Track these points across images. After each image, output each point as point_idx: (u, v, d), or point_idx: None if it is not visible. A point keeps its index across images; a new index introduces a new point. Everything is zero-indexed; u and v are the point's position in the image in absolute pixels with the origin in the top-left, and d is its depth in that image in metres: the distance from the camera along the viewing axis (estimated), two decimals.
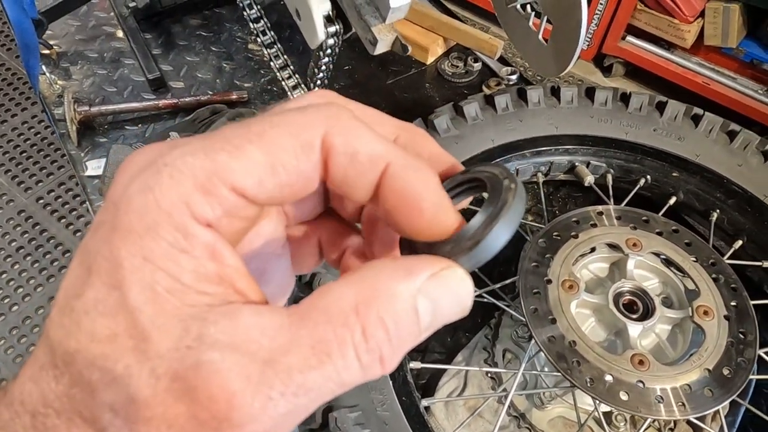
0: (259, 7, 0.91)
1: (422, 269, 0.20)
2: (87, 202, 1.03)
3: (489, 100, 0.92)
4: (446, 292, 0.21)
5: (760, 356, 0.70)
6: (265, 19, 0.91)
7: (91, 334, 0.18)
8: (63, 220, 2.06)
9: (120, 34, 1.31)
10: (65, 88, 1.16)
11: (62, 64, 1.23)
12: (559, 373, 0.65)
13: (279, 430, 0.18)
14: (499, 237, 0.22)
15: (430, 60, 1.28)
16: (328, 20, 0.65)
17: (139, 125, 1.14)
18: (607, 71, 2.64)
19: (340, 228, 0.29)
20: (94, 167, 1.06)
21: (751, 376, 0.66)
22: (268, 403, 0.18)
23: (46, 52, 1.22)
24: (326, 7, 0.64)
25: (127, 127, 1.14)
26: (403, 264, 0.21)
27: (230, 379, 0.17)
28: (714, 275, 0.72)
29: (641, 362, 0.64)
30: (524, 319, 0.69)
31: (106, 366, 0.18)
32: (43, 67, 1.17)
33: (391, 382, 0.67)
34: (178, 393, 0.17)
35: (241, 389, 0.17)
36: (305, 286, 0.74)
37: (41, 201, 2.10)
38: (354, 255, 0.29)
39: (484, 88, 1.22)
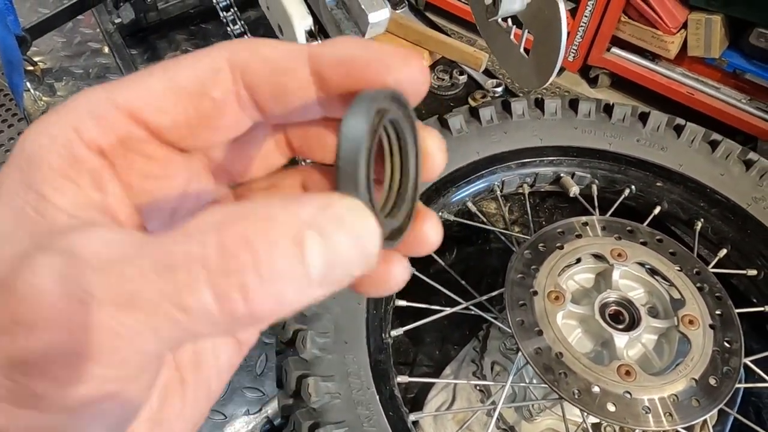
0: (242, 22, 0.91)
1: (315, 198, 0.17)
2: None
3: (474, 113, 0.93)
4: (341, 227, 0.16)
5: (746, 365, 0.71)
6: (249, 34, 0.92)
7: None
8: None
9: (106, 50, 1.31)
10: (50, 105, 1.16)
11: (47, 80, 1.23)
12: (547, 386, 0.65)
13: (92, 352, 0.15)
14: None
15: None
16: (311, 35, 0.66)
17: None
18: (593, 82, 2.67)
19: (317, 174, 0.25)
20: None
21: (737, 385, 0.66)
22: (78, 310, 0.15)
23: (31, 68, 1.22)
24: (308, 23, 0.64)
25: None
26: (297, 195, 0.20)
27: (42, 275, 0.15)
28: (699, 284, 0.72)
29: (628, 373, 0.64)
30: (511, 331, 0.69)
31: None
32: (28, 83, 1.17)
33: (377, 397, 0.67)
34: (55, 255, 0.16)
35: (49, 289, 0.15)
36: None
37: None
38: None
39: (469, 100, 1.22)
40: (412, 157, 0.22)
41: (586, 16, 2.40)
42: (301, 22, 0.63)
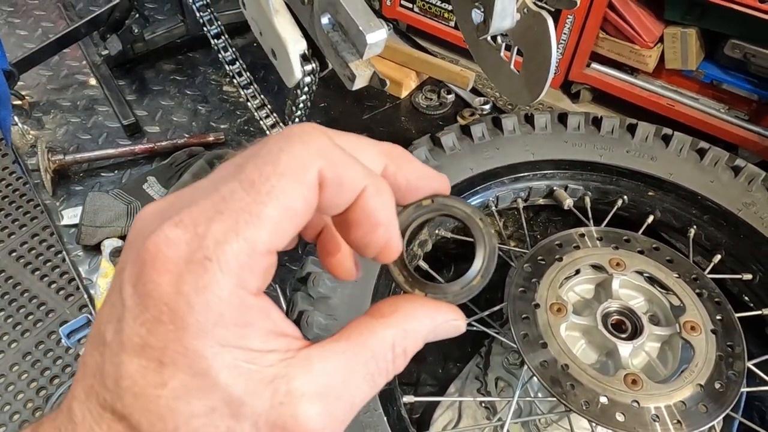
0: (234, 49, 0.92)
1: (437, 318, 0.28)
2: (64, 252, 1.01)
3: (465, 130, 0.94)
4: (449, 332, 0.29)
5: (748, 368, 0.71)
6: (241, 61, 0.92)
7: (190, 413, 0.22)
8: (37, 272, 2.01)
9: (93, 81, 1.31)
10: (38, 138, 1.15)
11: (35, 114, 1.22)
12: (554, 398, 0.65)
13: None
14: (481, 287, 0.29)
15: (404, 94, 1.30)
16: (305, 59, 0.66)
17: (116, 171, 1.13)
18: (575, 97, 2.72)
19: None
20: (70, 216, 1.04)
21: (742, 389, 0.66)
22: (339, 428, 0.24)
23: (18, 102, 1.21)
24: (302, 46, 0.65)
25: (103, 174, 1.12)
26: (424, 311, 0.28)
27: (319, 422, 0.23)
28: (697, 290, 0.73)
29: (634, 381, 0.64)
30: (515, 346, 0.69)
31: (208, 430, 0.22)
32: (15, 118, 1.16)
33: (385, 419, 0.66)
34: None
35: (325, 426, 0.23)
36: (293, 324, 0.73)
37: (14, 254, 2.05)
38: (329, 235, 0.31)
39: (458, 118, 1.24)
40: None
41: (565, 34, 2.46)
42: (296, 46, 0.64)
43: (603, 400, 0.63)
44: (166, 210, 0.24)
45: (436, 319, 0.27)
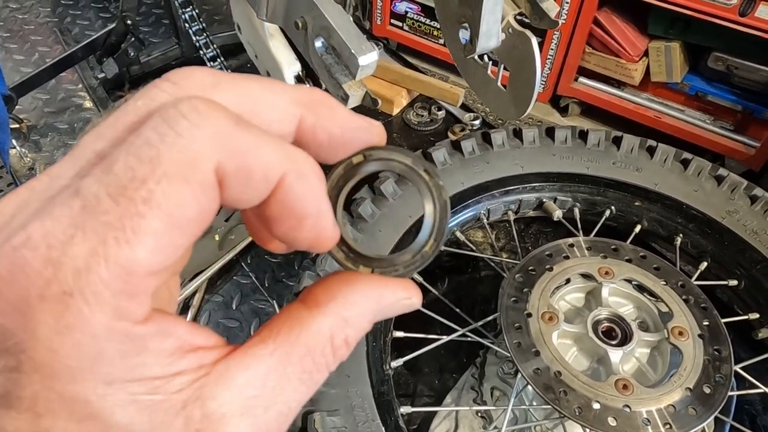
0: (229, 72, 0.94)
1: (384, 298, 0.24)
2: None
3: (456, 146, 0.96)
4: (399, 310, 0.25)
5: (737, 372, 0.73)
6: None
7: None
8: None
9: (89, 104, 1.33)
10: (36, 161, 1.17)
11: (32, 137, 1.24)
12: (548, 406, 0.67)
13: None
14: (435, 252, 0.25)
15: (395, 111, 1.33)
16: (299, 80, 0.69)
17: None
18: (563, 111, 2.76)
19: None
20: None
21: (731, 393, 0.68)
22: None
23: (16, 126, 1.23)
24: (296, 68, 0.67)
25: None
26: (367, 292, 0.23)
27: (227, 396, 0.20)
28: (684, 297, 0.75)
29: (625, 387, 0.66)
30: (509, 354, 0.70)
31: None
32: (13, 141, 1.18)
33: (383, 429, 0.67)
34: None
35: None
36: None
37: None
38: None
39: (449, 134, 1.26)
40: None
41: (552, 49, 2.51)
42: (290, 68, 0.66)
43: (595, 405, 0.65)
44: (18, 213, 0.18)
45: (382, 300, 0.23)
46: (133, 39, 1.28)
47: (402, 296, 0.24)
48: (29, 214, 0.18)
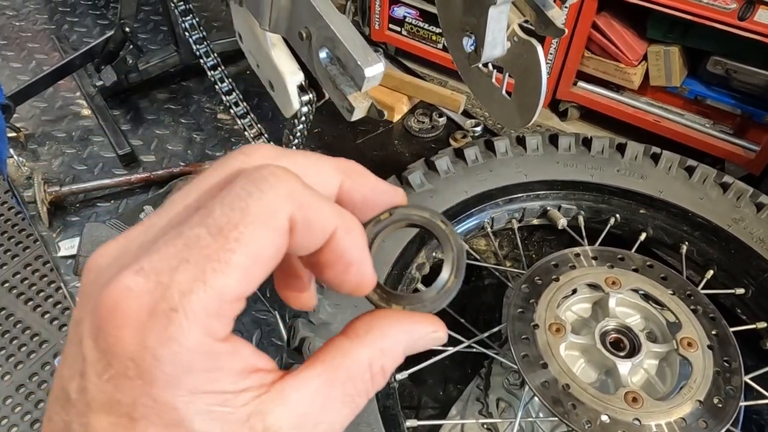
0: (230, 80, 0.93)
1: (414, 332, 0.27)
2: (61, 283, 1.01)
3: (459, 153, 0.95)
4: (428, 344, 0.28)
5: (746, 383, 0.72)
6: (237, 91, 0.94)
7: None
8: (30, 303, 1.99)
9: (87, 112, 1.32)
10: (33, 170, 1.16)
11: (30, 146, 1.23)
12: (555, 418, 0.65)
13: None
14: (457, 288, 0.28)
15: (396, 118, 1.32)
16: (302, 89, 0.68)
17: (112, 201, 1.13)
18: (563, 115, 2.76)
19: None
20: (67, 247, 1.04)
21: (740, 403, 0.67)
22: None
23: (13, 135, 1.22)
24: (299, 78, 0.66)
25: (99, 204, 1.13)
26: (399, 327, 0.27)
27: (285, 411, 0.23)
28: (692, 306, 0.74)
29: (635, 399, 0.65)
30: (515, 366, 0.69)
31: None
32: (11, 150, 1.16)
33: None
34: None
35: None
36: (295, 352, 0.74)
37: (6, 284, 2.04)
38: (288, 267, 0.31)
39: (451, 141, 1.26)
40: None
41: (551, 54, 2.50)
42: (293, 78, 0.66)
43: (604, 418, 0.64)
44: (122, 255, 0.23)
45: (413, 333, 0.27)
46: (131, 46, 1.27)
47: (430, 330, 0.28)
48: (133, 253, 0.22)
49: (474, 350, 0.79)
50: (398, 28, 2.93)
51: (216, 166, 0.25)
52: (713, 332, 0.72)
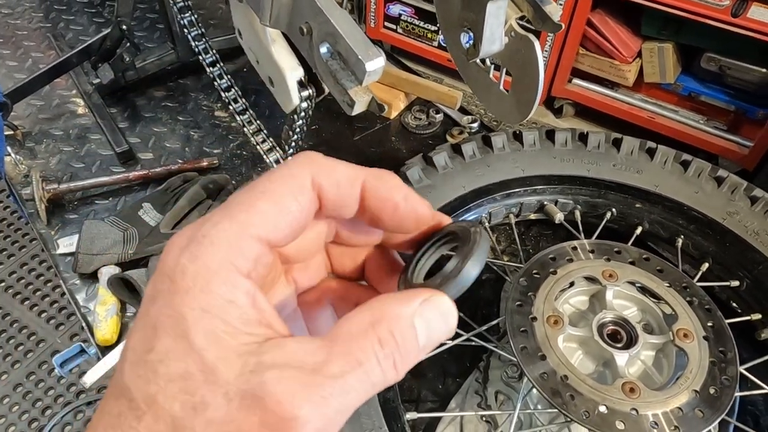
0: (229, 76, 0.94)
1: (417, 297, 0.26)
2: (60, 280, 1.01)
3: (456, 149, 0.96)
4: (435, 313, 0.26)
5: (741, 373, 0.73)
6: (236, 87, 0.94)
7: (168, 376, 0.22)
8: (27, 302, 1.99)
9: (84, 110, 1.32)
10: (31, 168, 1.16)
11: (27, 144, 1.23)
12: (553, 410, 0.66)
13: (331, 427, 0.23)
14: (473, 269, 0.28)
15: (393, 115, 1.33)
16: (302, 85, 0.68)
17: (110, 199, 1.13)
18: (558, 112, 2.77)
19: (347, 287, 0.34)
20: (65, 245, 1.04)
21: (735, 393, 0.68)
22: (321, 403, 0.22)
23: (10, 133, 1.22)
24: (299, 73, 0.67)
25: (97, 202, 1.13)
26: (402, 294, 0.26)
27: (291, 386, 0.22)
28: (688, 298, 0.75)
29: (632, 390, 0.66)
30: (514, 359, 0.70)
31: (185, 399, 0.22)
32: (8, 148, 1.16)
33: None
34: (250, 407, 0.22)
35: (300, 393, 0.22)
36: None
37: (3, 283, 2.03)
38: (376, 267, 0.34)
39: (448, 137, 1.26)
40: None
41: (546, 51, 2.51)
42: (293, 73, 0.66)
43: (602, 409, 0.65)
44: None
45: (412, 300, 0.27)
46: (128, 44, 1.27)
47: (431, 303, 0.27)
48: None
49: (473, 343, 0.80)
50: (393, 26, 2.93)
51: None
52: (709, 324, 0.73)
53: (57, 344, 1.89)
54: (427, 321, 0.25)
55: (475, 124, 1.27)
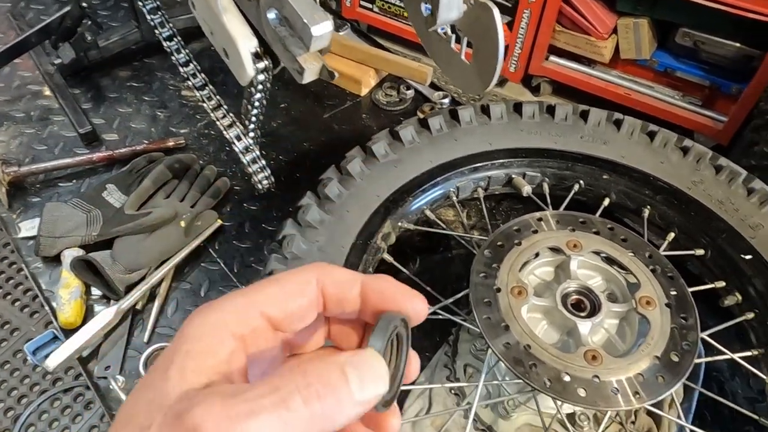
0: (187, 51, 0.91)
1: (348, 351, 0.31)
2: (23, 264, 0.99)
3: (423, 123, 0.95)
4: (363, 361, 0.28)
5: (705, 340, 0.74)
6: (195, 62, 0.92)
7: (144, 399, 0.27)
8: None
9: (46, 91, 1.28)
10: None
11: None
12: (520, 380, 0.66)
13: None
14: (377, 343, 0.30)
15: (364, 92, 1.31)
16: (257, 56, 0.66)
17: (74, 181, 1.11)
18: (535, 90, 2.77)
19: (335, 353, 0.38)
20: (27, 228, 1.02)
21: (698, 360, 0.69)
22: (227, 419, 0.24)
23: None
24: (253, 44, 0.65)
25: (60, 184, 1.10)
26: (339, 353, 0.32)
27: (207, 407, 0.25)
28: (651, 267, 0.75)
29: (594, 357, 0.66)
30: (479, 330, 0.70)
31: (143, 420, 0.26)
32: None
33: None
34: (172, 425, 0.25)
35: (210, 410, 0.24)
36: None
37: None
38: None
39: (418, 113, 1.25)
40: (403, 359, 0.33)
41: (522, 28, 2.50)
42: (246, 42, 0.64)
43: (565, 377, 0.65)
44: None
45: (343, 352, 0.30)
46: (89, 22, 1.24)
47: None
48: None
49: (440, 317, 0.80)
50: (369, 5, 2.90)
51: None
52: (672, 291, 0.73)
53: (31, 332, 1.87)
54: (358, 368, 0.27)
55: (446, 100, 1.26)
